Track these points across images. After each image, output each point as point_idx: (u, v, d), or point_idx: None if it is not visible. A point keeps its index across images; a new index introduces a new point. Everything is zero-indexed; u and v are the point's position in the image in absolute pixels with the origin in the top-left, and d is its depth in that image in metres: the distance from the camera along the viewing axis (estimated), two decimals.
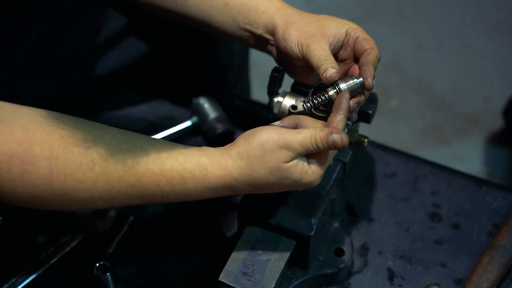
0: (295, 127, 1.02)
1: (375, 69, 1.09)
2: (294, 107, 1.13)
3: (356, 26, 1.11)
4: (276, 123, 1.02)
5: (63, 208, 0.96)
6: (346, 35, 1.10)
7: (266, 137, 0.97)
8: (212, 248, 1.24)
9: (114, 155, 0.94)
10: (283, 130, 0.98)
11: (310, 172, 0.99)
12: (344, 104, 1.01)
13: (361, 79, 1.06)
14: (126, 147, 0.96)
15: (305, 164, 0.99)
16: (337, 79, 1.05)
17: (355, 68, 1.11)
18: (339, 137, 0.97)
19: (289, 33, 1.11)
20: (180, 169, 0.97)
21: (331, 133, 0.97)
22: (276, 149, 0.97)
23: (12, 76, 1.25)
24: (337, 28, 1.10)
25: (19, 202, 0.92)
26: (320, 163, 1.00)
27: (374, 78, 1.09)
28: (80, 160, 0.92)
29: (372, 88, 1.08)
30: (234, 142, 1.00)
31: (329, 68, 1.05)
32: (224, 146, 1.01)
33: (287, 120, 1.03)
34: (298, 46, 1.10)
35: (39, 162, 0.89)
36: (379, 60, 1.12)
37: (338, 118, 1.01)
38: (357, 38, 1.10)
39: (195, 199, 1.01)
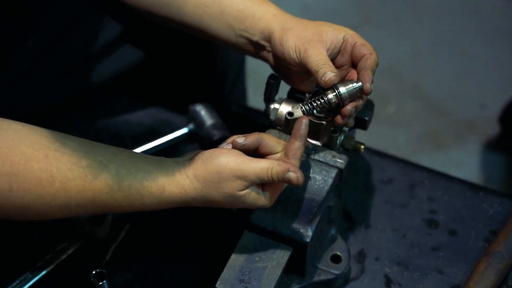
0: (257, 146, 1.03)
1: (373, 73, 1.09)
2: (290, 113, 1.13)
3: (353, 33, 1.12)
4: (240, 139, 1.03)
5: (22, 219, 0.98)
6: (344, 41, 1.11)
7: (224, 164, 1.00)
8: (209, 254, 1.23)
9: (73, 170, 0.95)
10: (241, 159, 1.00)
11: (263, 198, 1.03)
12: (303, 131, 1.02)
13: (360, 83, 1.06)
14: (86, 163, 0.97)
15: (259, 191, 1.02)
16: (336, 82, 1.05)
17: (353, 74, 1.11)
18: (295, 176, 0.99)
19: (286, 39, 1.11)
20: (138, 186, 0.99)
21: (288, 170, 0.99)
22: (232, 178, 1.00)
23: (9, 82, 1.25)
24: (335, 33, 1.11)
25: None
26: (274, 191, 1.03)
27: (372, 82, 1.09)
28: (40, 176, 0.93)
29: (371, 93, 1.08)
30: (193, 161, 1.02)
31: (328, 72, 1.05)
32: (183, 162, 1.03)
33: (251, 138, 1.04)
34: (295, 51, 1.10)
35: None
36: (377, 65, 1.13)
37: (296, 146, 1.02)
38: (354, 44, 1.10)
39: (152, 210, 1.04)
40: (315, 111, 1.09)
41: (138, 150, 1.32)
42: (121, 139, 1.37)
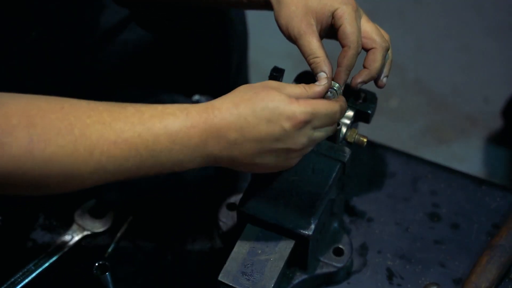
0: None
1: (349, 70, 1.07)
2: None
3: (343, 11, 1.06)
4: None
5: (45, 185, 0.92)
6: (333, 18, 1.07)
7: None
8: (212, 247, 1.24)
9: (91, 116, 0.92)
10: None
11: (294, 104, 0.97)
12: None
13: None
14: (103, 107, 0.93)
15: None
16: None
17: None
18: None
19: (278, 16, 1.09)
20: (160, 114, 0.95)
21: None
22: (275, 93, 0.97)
23: (13, 74, 1.25)
24: (322, 11, 1.07)
25: (4, 179, 0.89)
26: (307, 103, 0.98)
27: (345, 81, 1.07)
28: (58, 126, 0.90)
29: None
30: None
31: (320, 74, 1.04)
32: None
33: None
34: (287, 36, 1.09)
35: (17, 132, 0.87)
36: (386, 49, 1.10)
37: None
38: (339, 27, 1.06)
39: (180, 154, 0.96)
40: None
41: None
42: None
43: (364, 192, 1.31)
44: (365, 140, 1.14)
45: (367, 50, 1.09)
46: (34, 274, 1.19)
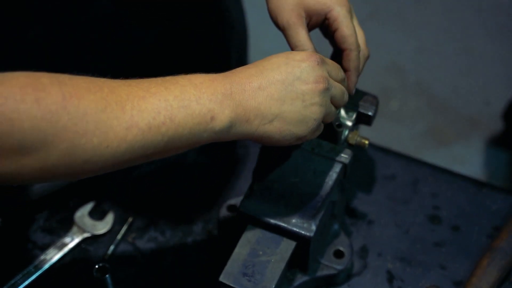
0: None
1: (358, 71, 1.08)
2: None
3: (337, 14, 1.08)
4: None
5: (82, 148, 0.88)
6: (326, 19, 1.08)
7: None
8: (213, 248, 1.24)
9: (117, 81, 0.92)
10: None
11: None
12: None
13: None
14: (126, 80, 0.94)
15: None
16: None
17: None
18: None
19: (269, 4, 1.09)
20: (182, 75, 0.96)
21: None
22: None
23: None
24: (316, 9, 1.08)
25: (41, 141, 0.85)
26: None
27: (356, 83, 1.09)
28: (88, 86, 0.89)
29: (353, 93, 1.10)
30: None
31: None
32: None
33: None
34: (276, 24, 1.09)
35: (50, 88, 0.86)
36: (367, 58, 1.11)
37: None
38: (335, 31, 1.07)
39: (209, 102, 0.94)
40: None
41: None
42: None
43: (365, 194, 1.31)
44: (366, 142, 1.14)
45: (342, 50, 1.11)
46: (34, 276, 1.19)
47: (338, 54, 1.11)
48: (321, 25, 1.10)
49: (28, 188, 1.23)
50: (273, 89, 0.96)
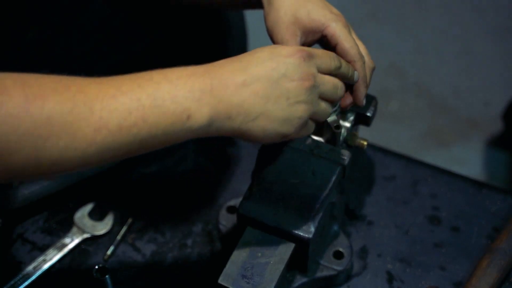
0: None
1: (366, 82, 1.07)
2: None
3: (334, 30, 1.06)
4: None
5: (48, 153, 0.85)
6: (324, 36, 1.07)
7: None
8: (212, 250, 1.24)
9: (86, 79, 0.88)
10: None
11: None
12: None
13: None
14: (99, 79, 0.90)
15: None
16: None
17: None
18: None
19: (266, 19, 1.08)
20: (158, 70, 0.92)
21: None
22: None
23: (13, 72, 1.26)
24: (311, 26, 1.06)
25: (3, 146, 0.82)
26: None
27: (365, 94, 1.08)
28: (54, 86, 0.85)
29: (360, 105, 1.09)
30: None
31: None
32: None
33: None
34: (271, 38, 1.08)
35: (12, 91, 0.82)
36: (373, 69, 1.10)
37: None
38: (336, 46, 1.06)
39: (185, 100, 0.90)
40: None
41: None
42: None
43: (364, 195, 1.31)
44: (365, 143, 1.14)
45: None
46: (33, 277, 1.19)
47: None
48: (321, 42, 1.09)
49: (27, 190, 1.23)
50: (258, 86, 0.93)
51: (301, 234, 1.09)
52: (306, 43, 1.08)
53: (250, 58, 0.95)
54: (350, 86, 1.07)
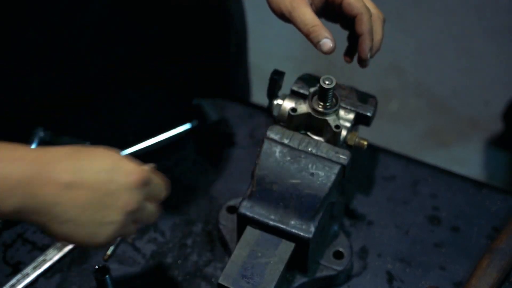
0: None
1: (371, 35, 1.07)
2: (293, 109, 1.13)
3: None
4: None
5: None
6: None
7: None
8: (212, 250, 1.24)
9: None
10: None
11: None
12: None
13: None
14: None
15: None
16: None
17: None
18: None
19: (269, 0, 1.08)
20: None
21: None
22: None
23: (11, 74, 1.25)
24: None
25: None
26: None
27: (372, 49, 1.07)
28: None
29: (368, 61, 1.08)
30: None
31: (323, 40, 1.04)
32: None
33: None
34: (280, 13, 1.08)
35: None
36: (383, 20, 1.10)
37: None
38: (341, 2, 1.06)
39: None
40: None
41: (141, 146, 1.33)
42: (124, 134, 1.37)
43: (364, 195, 1.31)
44: (365, 143, 1.14)
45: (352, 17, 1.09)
46: (33, 277, 1.19)
47: (353, 37, 1.10)
48: (326, 5, 1.08)
49: None
50: (81, 194, 0.88)
51: (301, 234, 1.09)
52: (314, 6, 1.08)
53: (90, 162, 0.89)
54: (356, 38, 1.08)
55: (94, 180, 0.89)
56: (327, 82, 1.09)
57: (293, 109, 1.13)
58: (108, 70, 1.37)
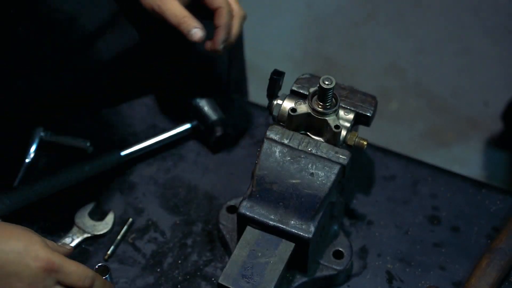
0: None
1: (227, 29, 1.13)
2: (293, 109, 1.13)
3: None
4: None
5: None
6: None
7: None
8: (212, 250, 1.24)
9: None
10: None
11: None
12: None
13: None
14: None
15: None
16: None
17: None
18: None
19: None
20: None
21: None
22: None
23: (5, 73, 1.25)
24: None
25: None
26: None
27: (226, 42, 1.14)
28: None
29: (220, 51, 1.16)
30: None
31: (193, 30, 1.10)
32: None
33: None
34: (150, 8, 1.13)
35: None
36: (243, 16, 1.16)
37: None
38: None
39: None
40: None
41: (141, 146, 1.33)
42: (124, 135, 1.37)
43: (364, 195, 1.31)
44: (365, 143, 1.15)
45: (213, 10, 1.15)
46: None
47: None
48: (192, 1, 1.14)
49: (27, 190, 1.23)
50: None
51: (301, 233, 1.09)
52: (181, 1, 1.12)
53: (3, 241, 0.95)
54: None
55: (4, 259, 0.94)
56: (326, 82, 1.09)
57: (293, 109, 1.13)
58: (108, 70, 1.37)
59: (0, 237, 0.96)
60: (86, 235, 1.24)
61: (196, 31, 1.12)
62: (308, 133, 1.15)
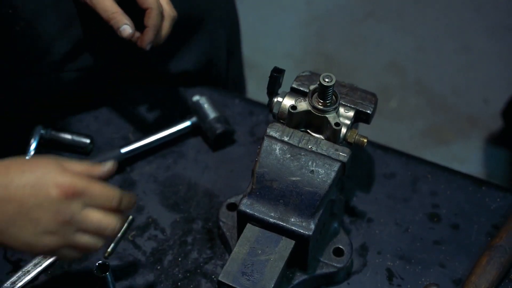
0: None
1: (156, 30, 1.15)
2: (293, 107, 1.13)
3: None
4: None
5: None
6: None
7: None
8: (212, 247, 1.24)
9: None
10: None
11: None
12: None
13: None
14: None
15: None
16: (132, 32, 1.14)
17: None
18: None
19: None
20: None
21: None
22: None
23: (4, 73, 1.25)
24: None
25: None
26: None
27: (153, 42, 1.16)
28: None
29: (146, 49, 1.17)
30: None
31: (123, 26, 1.12)
32: None
33: None
34: (83, 1, 1.14)
35: None
36: (173, 18, 1.18)
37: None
38: None
39: None
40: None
41: (141, 143, 1.33)
42: (124, 132, 1.37)
43: (364, 193, 1.31)
44: (365, 140, 1.15)
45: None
46: (33, 274, 1.19)
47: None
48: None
49: None
50: (9, 208, 0.92)
51: (301, 231, 1.09)
52: None
53: (18, 176, 0.93)
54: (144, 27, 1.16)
55: (20, 194, 0.92)
56: (327, 80, 1.09)
57: (293, 107, 1.13)
58: (108, 69, 1.37)
59: (14, 171, 0.94)
60: None
61: (125, 28, 1.13)
62: (308, 131, 1.15)
